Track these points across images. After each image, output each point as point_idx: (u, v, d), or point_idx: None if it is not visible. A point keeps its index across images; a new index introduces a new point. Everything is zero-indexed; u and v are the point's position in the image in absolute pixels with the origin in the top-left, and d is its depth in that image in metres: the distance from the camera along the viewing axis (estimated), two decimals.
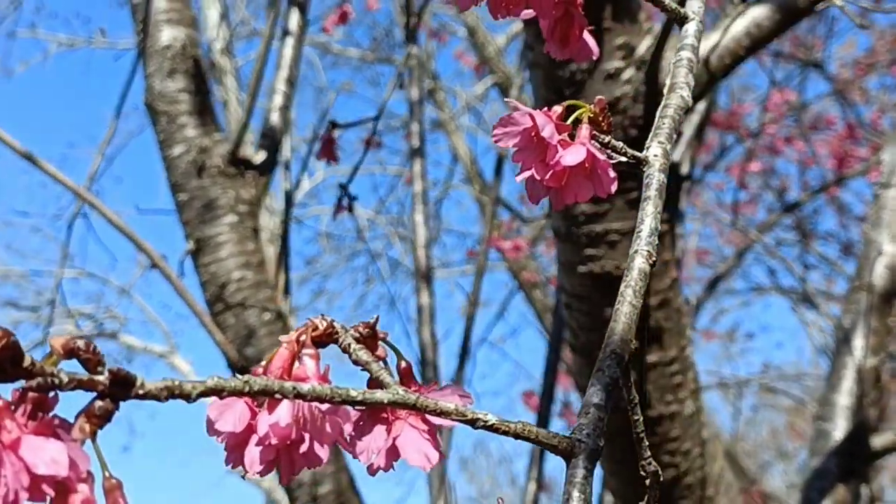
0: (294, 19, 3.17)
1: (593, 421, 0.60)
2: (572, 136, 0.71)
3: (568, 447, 0.59)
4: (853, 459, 2.28)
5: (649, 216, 0.70)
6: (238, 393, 0.52)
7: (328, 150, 2.23)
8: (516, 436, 0.59)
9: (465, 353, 3.24)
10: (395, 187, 9.12)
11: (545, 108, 0.70)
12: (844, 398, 2.33)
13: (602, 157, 0.69)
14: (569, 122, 0.71)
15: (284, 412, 0.56)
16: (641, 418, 0.68)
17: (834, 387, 2.36)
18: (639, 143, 1.67)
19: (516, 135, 0.69)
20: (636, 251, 0.69)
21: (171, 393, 0.50)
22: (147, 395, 0.49)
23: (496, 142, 0.70)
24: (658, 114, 0.75)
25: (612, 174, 0.71)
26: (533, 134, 0.69)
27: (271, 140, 3.08)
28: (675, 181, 1.79)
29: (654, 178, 0.71)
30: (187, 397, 0.50)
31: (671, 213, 1.76)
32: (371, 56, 9.76)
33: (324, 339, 0.60)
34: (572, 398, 4.28)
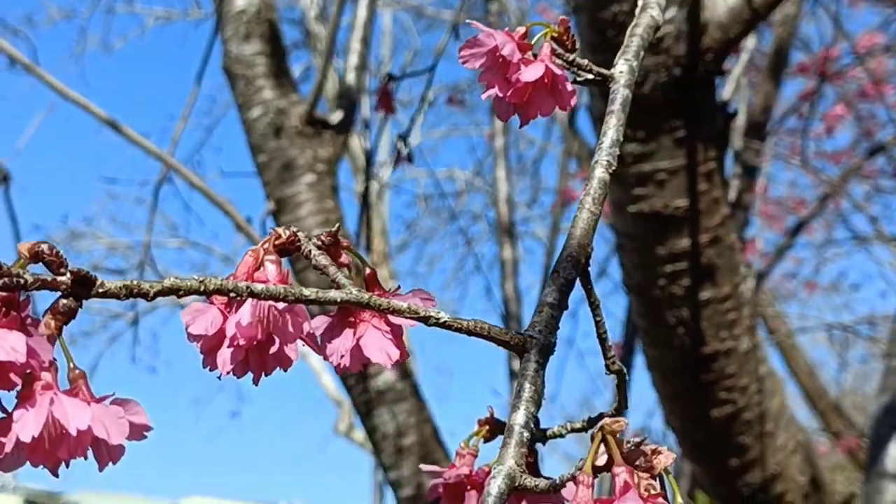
0: None
1: (546, 319, 0.64)
2: (535, 55, 0.74)
3: (520, 343, 0.62)
4: None
5: (612, 128, 0.73)
6: (194, 291, 0.56)
7: (385, 103, 2.28)
8: (469, 332, 0.62)
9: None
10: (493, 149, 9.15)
11: (508, 30, 0.73)
12: None
13: (560, 72, 0.72)
14: (533, 41, 0.74)
15: (246, 312, 0.60)
16: (604, 319, 0.71)
17: None
18: (681, 80, 1.69)
19: (482, 55, 0.73)
20: (596, 161, 0.72)
21: (130, 292, 0.55)
22: (107, 294, 0.54)
23: (463, 63, 0.73)
24: (628, 32, 0.78)
25: (571, 88, 0.73)
26: (496, 54, 0.72)
27: (347, 100, 3.13)
28: (724, 118, 1.79)
29: (619, 94, 0.73)
30: (145, 296, 0.55)
31: (719, 150, 1.78)
32: (463, 17, 9.79)
33: (287, 247, 0.64)
34: None
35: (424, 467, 0.75)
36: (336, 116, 3.02)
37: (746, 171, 3.39)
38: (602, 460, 0.56)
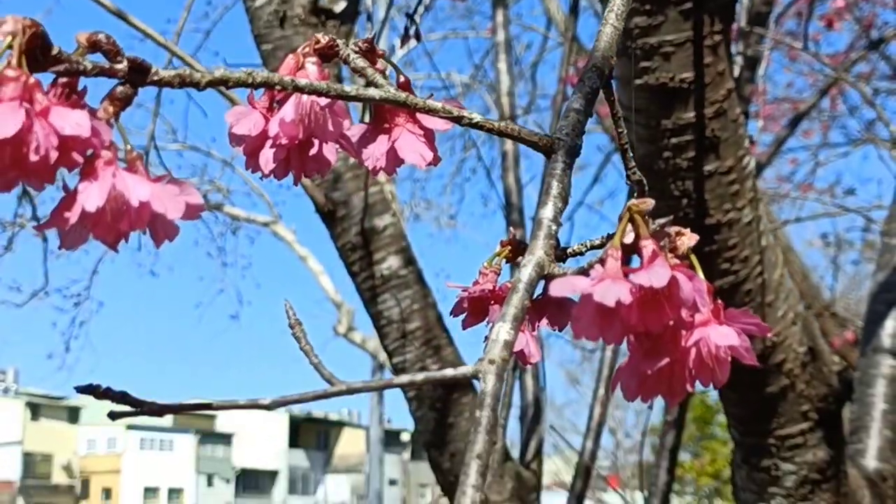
0: None
1: (572, 122, 0.67)
2: None
3: (548, 144, 0.66)
4: None
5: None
6: (243, 84, 0.60)
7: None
8: (500, 133, 0.66)
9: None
10: (490, 52, 9.13)
11: None
12: None
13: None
14: None
15: (290, 109, 0.64)
16: (625, 131, 0.74)
17: None
18: None
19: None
20: None
21: (183, 81, 0.58)
22: (161, 82, 0.58)
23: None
24: None
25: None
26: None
27: None
28: None
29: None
30: (197, 85, 0.58)
31: (725, 23, 1.79)
32: None
33: (326, 52, 0.67)
34: None
35: (449, 284, 0.79)
36: (340, 6, 3.03)
37: (747, 63, 3.41)
38: (629, 239, 0.60)
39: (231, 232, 12.82)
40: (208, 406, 0.60)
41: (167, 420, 44.64)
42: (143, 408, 0.61)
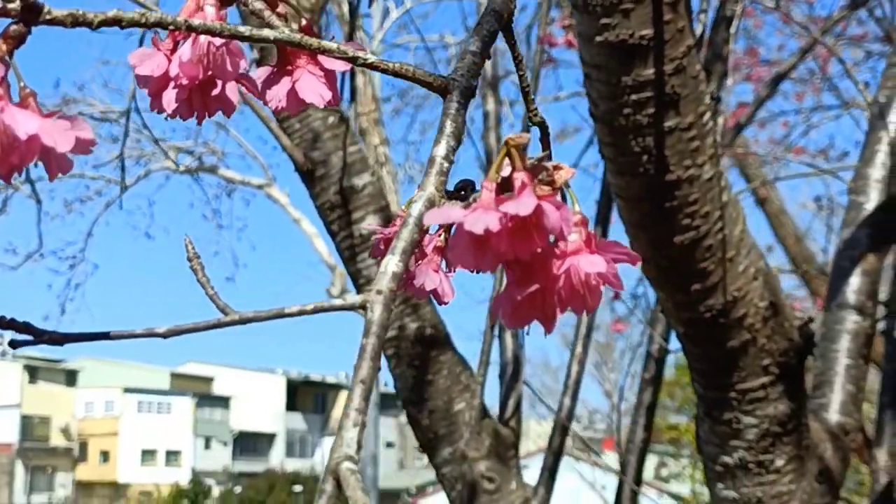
0: None
1: (468, 65, 0.69)
2: None
3: (443, 85, 0.68)
4: (883, 229, 2.34)
5: None
6: (136, 24, 0.62)
7: None
8: (395, 73, 0.68)
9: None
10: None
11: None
12: (877, 171, 2.38)
13: None
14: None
15: (186, 49, 0.66)
16: (526, 74, 0.76)
17: (867, 161, 2.42)
18: None
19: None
20: None
21: (76, 20, 0.60)
22: (54, 21, 0.60)
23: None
24: None
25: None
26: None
27: None
28: None
29: None
30: (90, 24, 0.60)
31: None
32: None
33: None
34: None
35: (366, 226, 0.81)
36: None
37: (726, 22, 3.41)
38: (507, 172, 0.62)
39: (226, 194, 12.87)
40: (106, 336, 0.62)
41: (165, 383, 44.80)
42: (43, 337, 0.63)
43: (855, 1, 4.22)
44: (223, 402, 45.88)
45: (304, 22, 0.72)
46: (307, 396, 47.66)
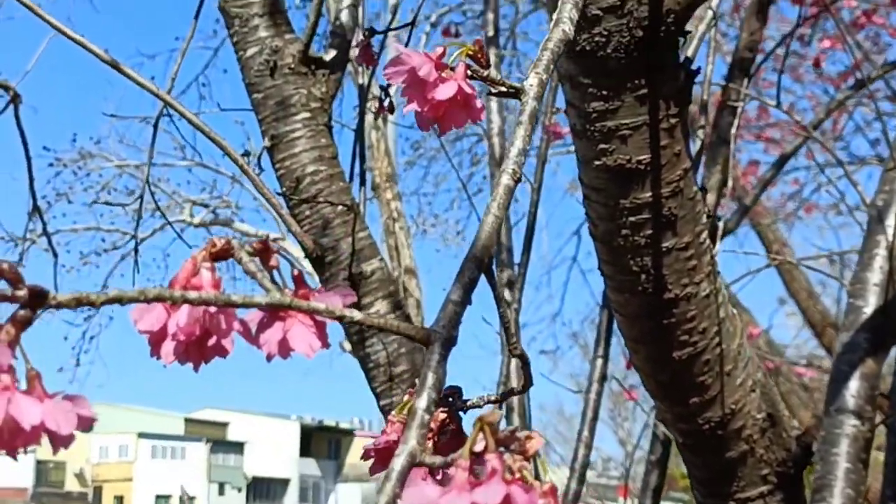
0: None
1: (449, 314, 0.73)
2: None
3: (425, 336, 0.72)
4: (882, 333, 2.38)
5: (519, 138, 0.81)
6: (136, 300, 0.66)
7: (366, 56, 2.36)
8: (380, 328, 0.72)
9: (528, 241, 3.38)
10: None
11: (426, 51, 0.81)
12: (875, 276, 2.42)
13: (471, 90, 0.81)
14: (451, 59, 0.83)
15: (182, 314, 0.70)
16: (507, 311, 0.80)
17: (865, 265, 2.45)
18: (643, 41, 1.77)
19: (403, 73, 0.81)
20: (503, 170, 0.80)
21: (80, 302, 0.65)
22: (60, 305, 0.64)
23: (388, 79, 0.82)
24: (541, 46, 0.86)
25: (480, 105, 0.82)
26: (416, 73, 0.81)
27: (341, 38, 3.21)
28: (687, 76, 1.87)
29: (528, 106, 0.82)
30: (93, 304, 0.65)
31: (681, 107, 1.85)
32: None
33: (221, 254, 0.74)
34: None
35: (359, 433, 0.85)
36: (329, 54, 3.10)
37: (731, 110, 3.47)
38: (481, 446, 0.66)
39: (240, 246, 12.90)
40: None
41: (179, 428, 44.78)
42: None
43: (860, 81, 4.26)
44: (237, 447, 45.83)
45: (295, 272, 0.76)
46: (321, 442, 47.59)
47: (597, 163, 1.86)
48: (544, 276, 17.24)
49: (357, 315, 0.71)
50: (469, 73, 0.82)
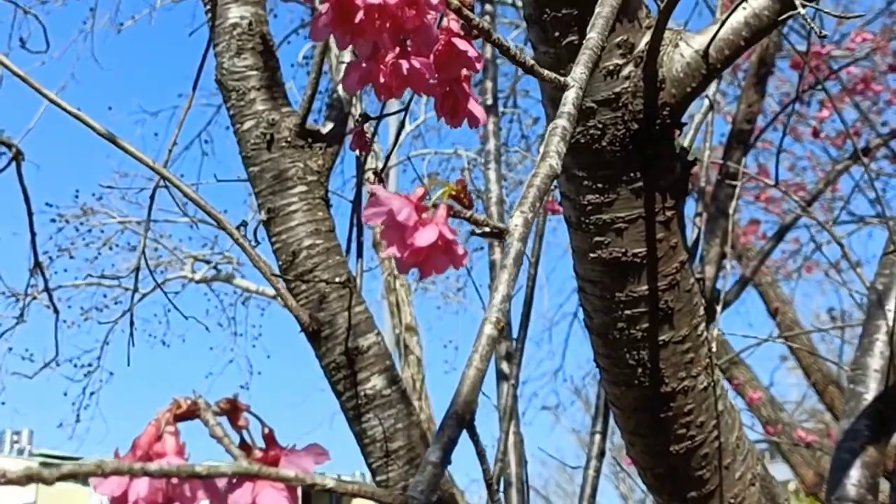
0: None
1: (428, 478, 0.70)
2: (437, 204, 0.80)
3: (402, 502, 0.69)
4: (883, 420, 2.34)
5: (503, 284, 0.78)
6: (93, 474, 0.63)
7: (360, 143, 2.34)
8: (354, 494, 0.69)
9: (526, 317, 3.35)
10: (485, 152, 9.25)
11: (407, 193, 0.79)
12: (876, 361, 2.38)
13: (452, 236, 0.78)
14: (433, 199, 0.80)
15: (143, 484, 0.67)
16: (489, 466, 0.77)
17: (866, 350, 2.41)
18: (639, 136, 1.75)
19: (382, 215, 0.79)
20: (485, 318, 0.77)
21: (31, 479, 0.61)
22: (11, 482, 0.61)
23: (367, 221, 0.79)
24: (526, 182, 0.83)
25: (462, 251, 0.79)
26: (395, 216, 0.78)
27: (339, 111, 3.19)
28: (683, 167, 1.84)
29: (513, 248, 0.79)
30: (46, 481, 0.62)
31: (677, 199, 1.83)
32: None
33: (187, 416, 0.71)
34: None
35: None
36: (327, 127, 3.08)
37: (730, 182, 3.45)
38: None
39: (241, 303, 12.92)
40: None
41: None
42: None
43: (855, 154, 4.24)
44: None
45: (265, 430, 0.73)
46: (321, 499, 47.24)
47: (592, 255, 1.83)
48: (545, 331, 17.19)
49: (329, 483, 0.68)
50: (452, 212, 0.79)
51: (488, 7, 4.31)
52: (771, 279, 9.04)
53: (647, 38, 1.74)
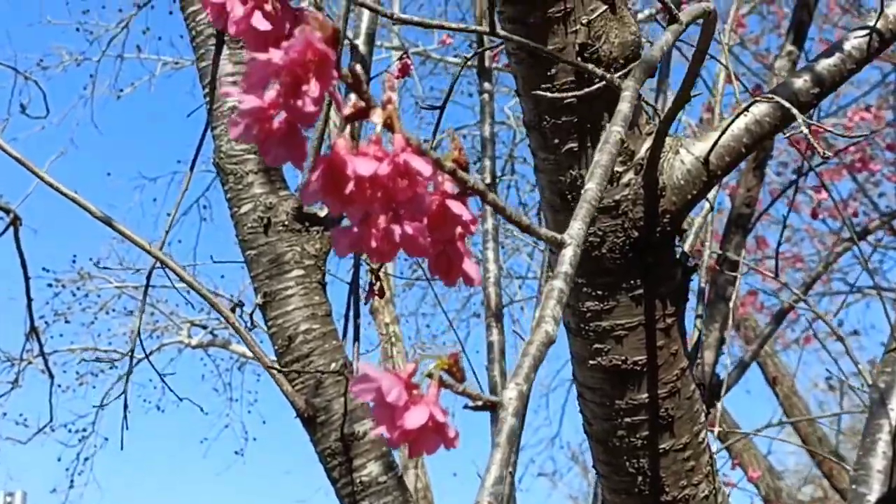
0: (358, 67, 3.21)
1: None
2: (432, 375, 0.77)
3: None
4: None
5: (495, 465, 0.74)
6: None
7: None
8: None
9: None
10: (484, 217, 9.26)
11: (397, 370, 0.76)
12: (879, 462, 2.35)
13: (443, 418, 0.75)
14: (424, 374, 0.77)
15: None
16: None
17: (868, 450, 2.38)
18: (639, 243, 1.73)
19: (371, 391, 0.76)
20: (478, 500, 0.74)
21: None
22: None
23: (355, 397, 0.76)
24: (521, 351, 0.80)
25: (453, 433, 0.76)
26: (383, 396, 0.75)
27: None
28: (684, 273, 1.82)
29: (507, 425, 0.75)
30: None
31: (677, 306, 1.81)
32: (471, 63, 9.79)
33: None
34: None
35: None
36: (324, 210, 3.06)
37: (730, 265, 3.44)
38: None
39: (238, 368, 12.84)
40: None
41: None
42: None
43: (857, 233, 4.23)
44: None
45: None
46: None
47: (591, 362, 1.81)
48: (542, 398, 17.07)
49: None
50: (443, 385, 0.76)
51: (487, 85, 4.30)
52: (769, 349, 9.00)
53: (647, 144, 1.73)
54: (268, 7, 0.94)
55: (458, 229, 0.81)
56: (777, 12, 8.62)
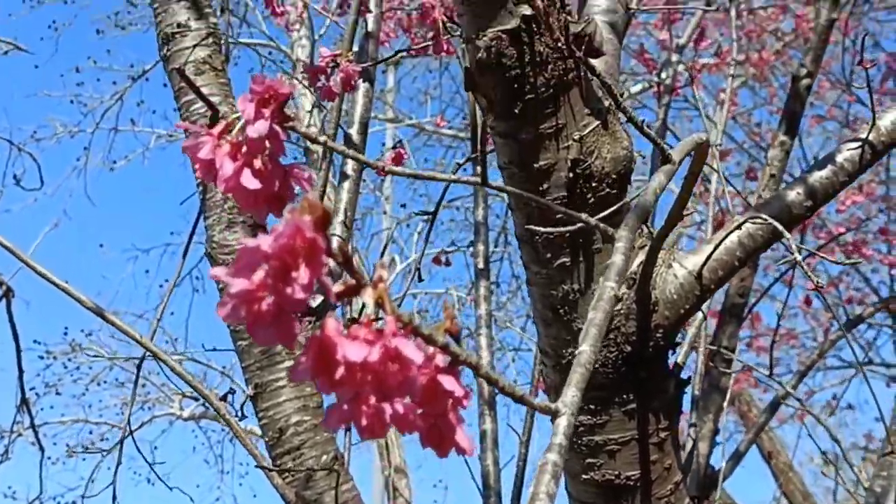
0: (350, 164, 3.21)
1: None
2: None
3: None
4: None
5: None
6: None
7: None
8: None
9: (520, 480, 3.29)
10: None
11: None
12: None
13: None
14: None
15: None
16: None
17: None
18: (632, 358, 1.72)
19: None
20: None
21: None
22: None
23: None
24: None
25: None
26: None
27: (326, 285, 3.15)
28: (677, 386, 1.81)
29: None
30: None
31: (671, 419, 1.79)
32: (464, 135, 9.84)
33: None
34: None
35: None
36: (316, 301, 3.05)
37: (723, 359, 3.43)
38: None
39: (229, 440, 12.77)
40: None
41: None
42: None
43: (850, 321, 4.24)
44: None
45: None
46: None
47: (584, 477, 1.79)
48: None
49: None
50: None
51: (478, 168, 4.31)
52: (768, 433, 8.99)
53: (639, 258, 1.72)
54: (257, 164, 0.94)
55: (450, 403, 0.80)
56: (769, 89, 8.70)
